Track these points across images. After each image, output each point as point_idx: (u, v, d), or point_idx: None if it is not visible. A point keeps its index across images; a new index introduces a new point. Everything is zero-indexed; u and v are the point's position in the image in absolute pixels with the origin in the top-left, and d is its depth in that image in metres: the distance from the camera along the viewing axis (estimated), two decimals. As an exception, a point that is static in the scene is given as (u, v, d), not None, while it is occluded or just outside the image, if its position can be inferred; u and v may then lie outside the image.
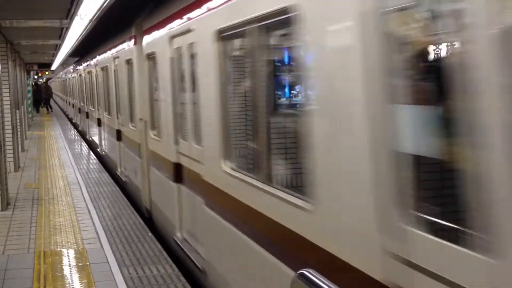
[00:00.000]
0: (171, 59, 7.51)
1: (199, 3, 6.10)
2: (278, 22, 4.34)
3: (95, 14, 10.85)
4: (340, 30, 3.37)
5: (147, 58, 9.18)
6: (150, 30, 8.88)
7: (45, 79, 53.62)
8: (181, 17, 6.93)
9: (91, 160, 16.39)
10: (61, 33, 14.56)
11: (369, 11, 2.93)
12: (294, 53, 4.42)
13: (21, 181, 13.02)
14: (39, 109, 39.15)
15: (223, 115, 5.53)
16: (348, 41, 3.23)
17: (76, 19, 11.49)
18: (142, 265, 6.99)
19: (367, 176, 3.01)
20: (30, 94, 30.69)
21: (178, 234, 7.55)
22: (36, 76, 48.86)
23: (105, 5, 9.96)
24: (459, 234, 2.48)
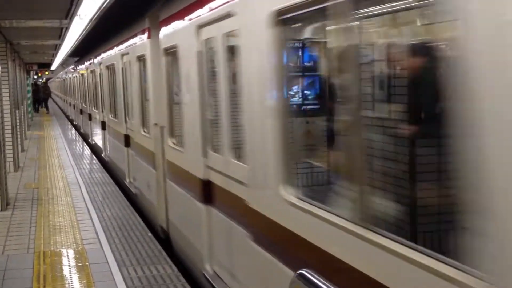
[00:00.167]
0: (199, 53, 6.27)
1: None
2: None
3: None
4: None
5: (165, 54, 7.85)
6: (169, 20, 7.51)
7: (45, 79, 53.62)
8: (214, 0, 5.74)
9: (91, 161, 16.40)
10: (61, 33, 14.57)
11: None
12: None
13: (21, 181, 13.02)
14: (39, 109, 39.19)
15: (284, 125, 4.18)
16: None
17: (76, 19, 11.49)
18: (142, 265, 6.99)
19: None
20: (30, 94, 30.69)
21: (208, 267, 6.26)
22: (36, 76, 48.86)
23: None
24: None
